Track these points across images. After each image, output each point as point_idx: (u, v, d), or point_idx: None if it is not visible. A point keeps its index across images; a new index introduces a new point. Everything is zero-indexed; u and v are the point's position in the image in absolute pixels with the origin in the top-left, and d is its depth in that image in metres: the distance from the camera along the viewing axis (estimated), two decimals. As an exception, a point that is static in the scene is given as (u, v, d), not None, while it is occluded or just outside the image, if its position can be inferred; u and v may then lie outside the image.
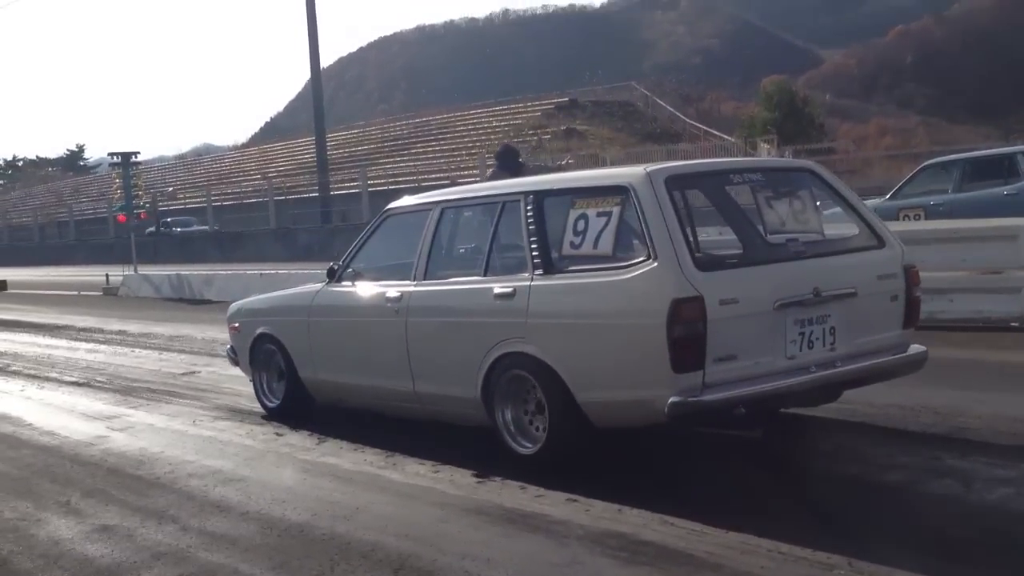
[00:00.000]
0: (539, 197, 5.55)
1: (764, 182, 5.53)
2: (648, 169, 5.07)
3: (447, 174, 37.99)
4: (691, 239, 4.94)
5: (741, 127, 46.07)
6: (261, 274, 17.15)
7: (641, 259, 4.84)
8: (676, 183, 5.09)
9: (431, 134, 54.39)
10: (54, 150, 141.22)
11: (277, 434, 6.67)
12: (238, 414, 7.46)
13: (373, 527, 4.50)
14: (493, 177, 9.75)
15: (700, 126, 48.70)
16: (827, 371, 5.07)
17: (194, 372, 9.50)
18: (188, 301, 19.10)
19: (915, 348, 5.50)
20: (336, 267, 6.77)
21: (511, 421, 5.46)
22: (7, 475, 6.05)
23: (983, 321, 8.95)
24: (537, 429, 5.34)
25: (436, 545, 4.22)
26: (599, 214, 5.08)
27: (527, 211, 5.50)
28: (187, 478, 5.62)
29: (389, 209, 6.78)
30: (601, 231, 5.04)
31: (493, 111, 56.10)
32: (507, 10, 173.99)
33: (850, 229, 5.68)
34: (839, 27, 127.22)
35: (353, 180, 39.94)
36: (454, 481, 5.21)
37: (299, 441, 6.43)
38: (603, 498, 4.63)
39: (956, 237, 9.54)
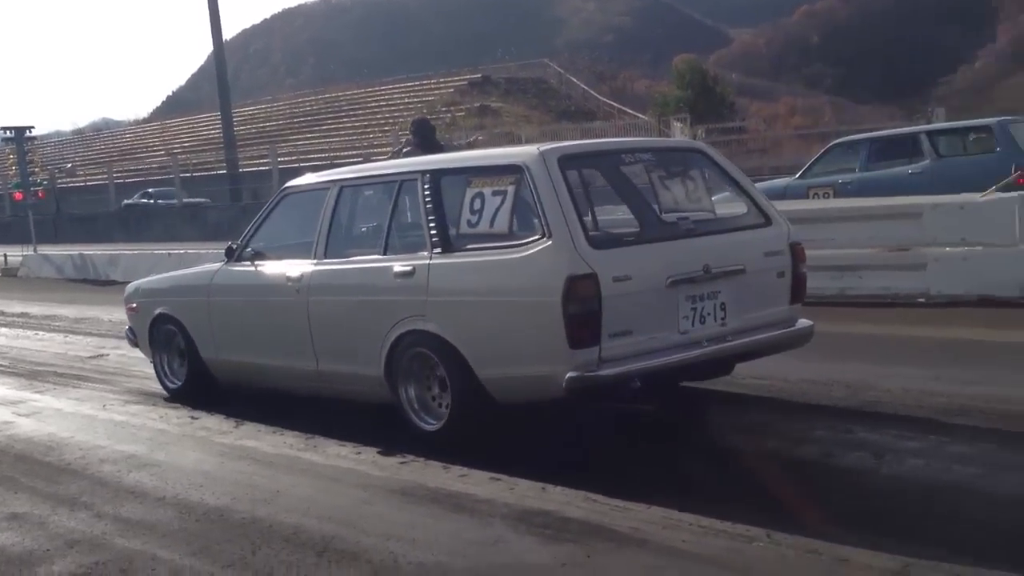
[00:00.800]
0: (436, 176, 5.62)
1: (656, 162, 5.68)
2: (541, 149, 5.20)
3: (360, 151, 37.60)
4: (584, 218, 5.04)
5: (654, 105, 46.49)
6: (169, 254, 16.78)
7: (536, 237, 4.95)
8: (569, 163, 5.23)
9: (342, 110, 53.77)
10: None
11: (192, 417, 6.54)
12: (150, 397, 7.30)
13: (295, 510, 4.44)
14: (410, 154, 9.66)
15: (614, 104, 49.03)
16: (718, 345, 5.25)
17: (102, 355, 9.26)
18: (93, 282, 18.60)
19: (802, 322, 5.71)
20: (235, 246, 6.75)
21: (415, 398, 5.53)
22: (-93, 464, 5.82)
23: (891, 297, 9.19)
24: (440, 406, 5.42)
25: (359, 527, 4.18)
26: (495, 193, 5.17)
27: (424, 190, 5.57)
28: (99, 463, 5.48)
29: (287, 188, 6.82)
30: (497, 210, 5.13)
31: (405, 87, 55.67)
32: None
33: (739, 208, 5.85)
34: (747, 6, 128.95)
35: (263, 156, 39.22)
36: (376, 462, 5.17)
37: (216, 424, 6.31)
38: (527, 477, 4.64)
39: (864, 215, 9.78)
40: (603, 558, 3.68)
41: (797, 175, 14.21)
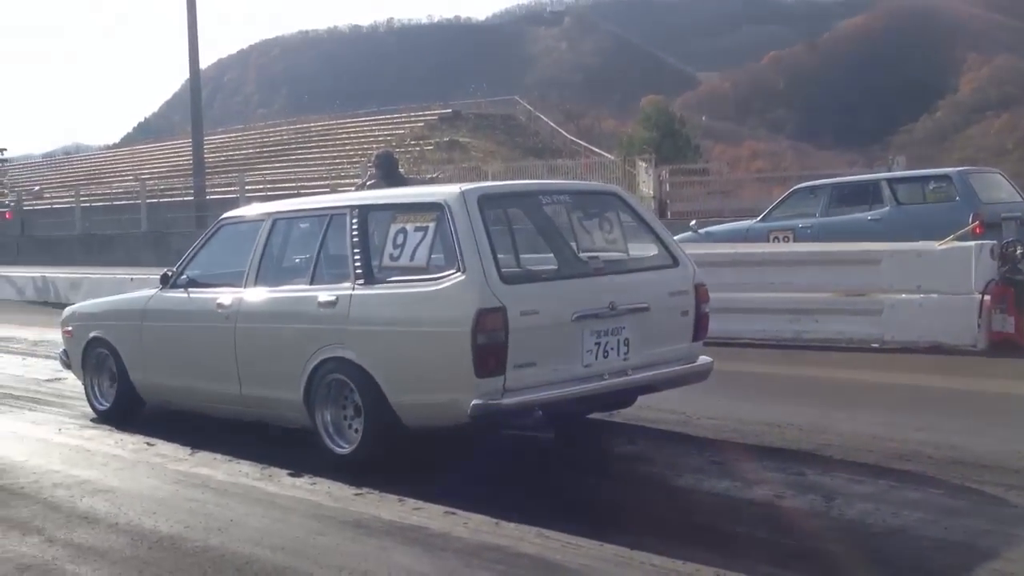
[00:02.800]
0: (364, 211, 5.90)
1: (572, 204, 6.03)
2: (462, 188, 5.53)
3: (327, 181, 37.55)
4: (498, 255, 5.28)
5: (620, 146, 46.89)
6: (132, 278, 16.63)
7: (451, 272, 5.21)
8: (488, 202, 5.53)
9: (312, 141, 53.72)
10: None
11: (148, 444, 6.50)
12: (106, 423, 7.24)
13: (248, 540, 4.44)
14: (374, 186, 9.71)
15: (581, 143, 49.36)
16: (620, 378, 5.55)
17: (60, 379, 9.16)
18: (54, 304, 18.37)
19: (703, 359, 6.04)
20: (170, 273, 6.95)
21: (330, 422, 5.74)
22: None
23: (846, 342, 9.32)
24: (354, 431, 5.63)
25: (312, 558, 4.18)
26: (417, 228, 5.47)
27: (352, 224, 5.83)
28: (52, 488, 5.43)
29: (223, 218, 7.09)
30: (418, 245, 5.43)
31: (376, 119, 55.82)
32: (391, 18, 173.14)
33: (648, 250, 6.13)
34: (715, 51, 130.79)
35: (231, 185, 39.11)
36: (331, 493, 5.17)
37: (171, 451, 6.28)
38: (481, 511, 4.66)
39: (823, 260, 9.94)
40: (553, 593, 3.71)
41: (759, 218, 14.38)
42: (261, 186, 39.59)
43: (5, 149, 24.81)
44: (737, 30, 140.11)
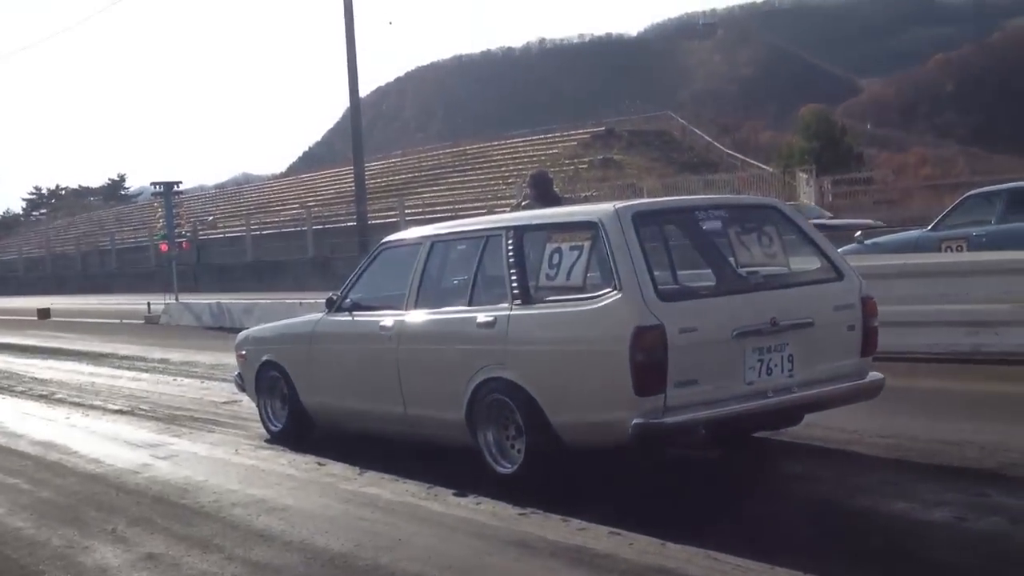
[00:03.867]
0: (519, 232, 5.95)
1: (730, 218, 5.92)
2: (617, 206, 5.49)
3: (484, 203, 38.11)
4: (654, 272, 5.24)
5: (779, 157, 45.90)
6: (301, 303, 17.26)
7: (608, 290, 5.20)
8: (643, 219, 5.49)
9: (468, 163, 54.62)
10: (96, 180, 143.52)
11: (319, 464, 6.71)
12: (279, 443, 7.51)
13: (416, 558, 4.51)
14: (529, 207, 9.78)
15: (738, 155, 48.59)
16: (784, 396, 5.39)
17: (236, 401, 9.56)
18: (228, 330, 19.22)
19: (873, 375, 5.80)
20: (335, 297, 7.16)
21: (492, 442, 5.79)
22: (54, 503, 6.13)
23: (1029, 355, 8.81)
24: (516, 451, 5.66)
25: (479, 577, 4.22)
26: (572, 248, 5.47)
27: (508, 245, 5.88)
28: (231, 507, 5.67)
29: (384, 243, 7.26)
30: (574, 264, 5.43)
31: (529, 141, 56.28)
32: (543, 39, 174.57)
33: (811, 263, 5.96)
34: (878, 55, 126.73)
35: (391, 209, 40.18)
36: (496, 513, 5.21)
37: (341, 471, 6.46)
38: (646, 532, 4.61)
39: (1002, 269, 9.44)
40: (723, 618, 3.63)
41: (928, 227, 13.80)
42: (420, 209, 40.55)
43: (180, 182, 26.05)
44: (901, 33, 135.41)
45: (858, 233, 14.78)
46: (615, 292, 5.14)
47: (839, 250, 5.96)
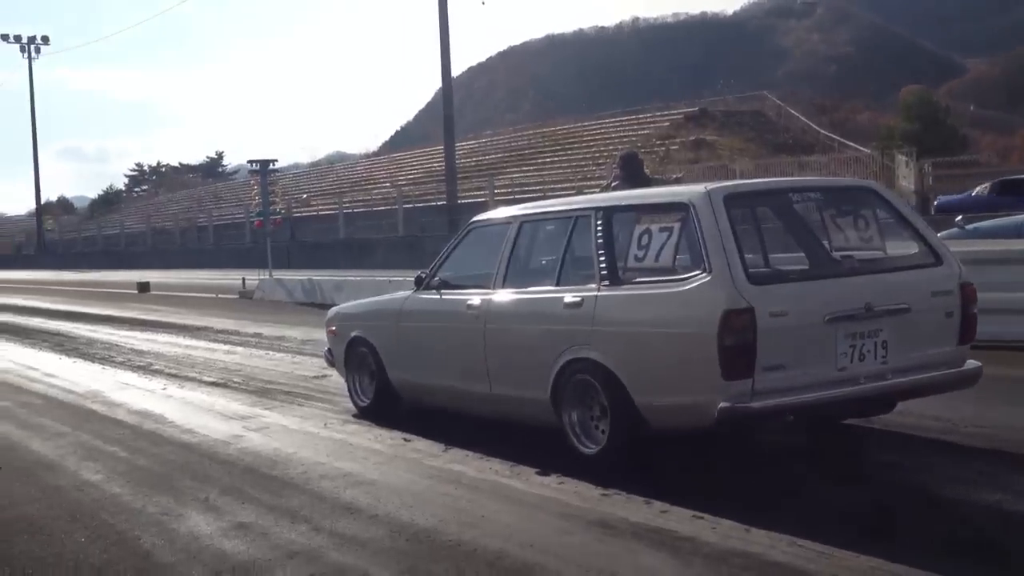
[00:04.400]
0: (608, 213, 5.91)
1: (825, 201, 5.80)
2: (708, 188, 5.42)
3: (573, 184, 38.07)
4: (744, 254, 5.15)
5: (878, 139, 44.81)
6: (390, 280, 17.43)
7: (697, 272, 5.14)
8: (735, 201, 5.40)
9: (557, 144, 54.53)
10: (195, 157, 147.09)
11: (405, 439, 6.79)
12: (366, 418, 7.62)
13: (498, 535, 4.55)
14: (619, 187, 9.72)
15: (834, 137, 47.62)
16: (876, 383, 5.30)
17: (325, 376, 9.73)
18: (319, 306, 19.54)
19: (970, 363, 5.67)
20: (424, 275, 7.22)
21: (576, 422, 5.79)
22: (150, 471, 6.32)
23: None
24: (601, 431, 5.64)
25: (560, 556, 4.23)
26: (662, 229, 5.41)
27: (597, 226, 5.85)
28: (319, 479, 5.78)
29: (473, 222, 7.27)
30: (663, 245, 5.37)
31: (620, 121, 55.97)
32: (637, 18, 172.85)
33: (909, 248, 5.82)
34: (982, 35, 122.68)
35: (480, 189, 40.33)
36: (579, 492, 5.22)
37: (426, 447, 6.53)
38: (730, 516, 4.57)
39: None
40: (806, 605, 3.58)
41: (1033, 212, 13.35)
42: (509, 189, 40.64)
43: (276, 160, 26.49)
44: (1005, 11, 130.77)
45: (959, 218, 14.37)
46: (705, 274, 5.08)
47: (939, 235, 5.77)
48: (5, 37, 67.87)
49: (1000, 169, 34.19)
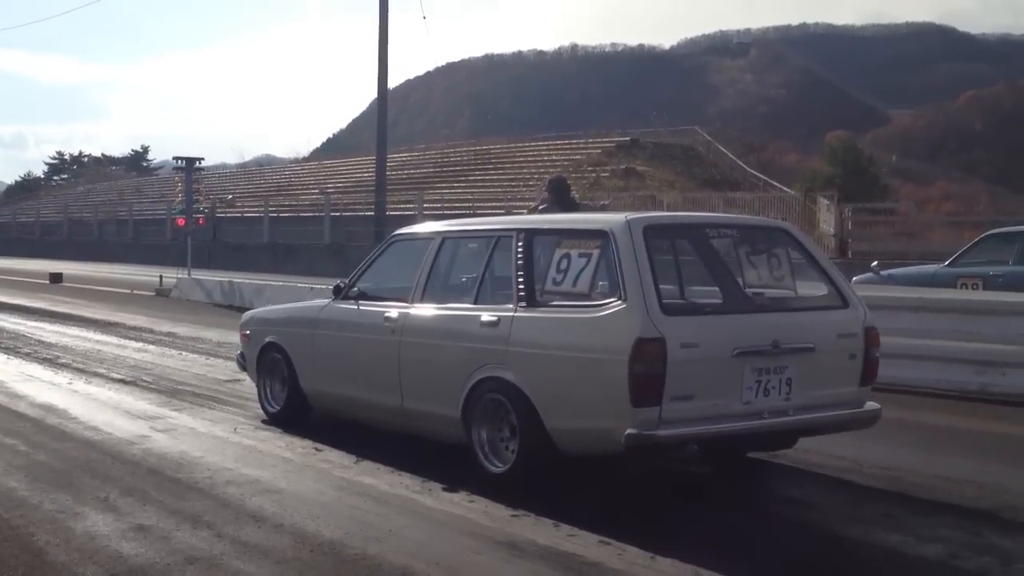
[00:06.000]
0: (530, 235, 5.97)
1: (740, 238, 5.98)
2: (629, 217, 5.51)
3: (502, 203, 38.12)
4: (659, 285, 5.24)
5: (802, 180, 45.78)
6: (312, 287, 17.25)
7: (613, 300, 5.23)
8: (653, 233, 5.49)
9: (490, 162, 54.61)
10: (120, 150, 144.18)
11: (316, 449, 6.70)
12: (275, 425, 7.51)
13: (405, 551, 4.51)
14: (546, 210, 9.76)
15: (760, 176, 48.44)
16: (779, 418, 5.42)
17: (238, 380, 9.57)
18: (239, 309, 19.22)
19: (870, 405, 5.82)
20: (343, 284, 7.17)
21: (486, 441, 5.81)
22: (50, 467, 6.15)
23: (1036, 398, 8.74)
24: (510, 451, 5.67)
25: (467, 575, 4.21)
26: (581, 255, 5.49)
27: (518, 247, 5.90)
28: (225, 485, 5.67)
29: (396, 235, 7.30)
30: (581, 271, 5.45)
31: (554, 144, 56.26)
32: (576, 45, 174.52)
33: (818, 289, 5.97)
34: (909, 87, 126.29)
35: (409, 202, 40.16)
36: (488, 512, 5.20)
37: (337, 458, 6.46)
38: (636, 543, 4.59)
39: (1014, 311, 9.37)
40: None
41: (946, 263, 13.72)
42: (439, 204, 40.53)
43: (203, 159, 26.15)
44: (933, 67, 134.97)
45: (875, 263, 14.71)
46: (619, 302, 5.17)
47: (854, 279, 5.92)
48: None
49: (919, 219, 35.16)
